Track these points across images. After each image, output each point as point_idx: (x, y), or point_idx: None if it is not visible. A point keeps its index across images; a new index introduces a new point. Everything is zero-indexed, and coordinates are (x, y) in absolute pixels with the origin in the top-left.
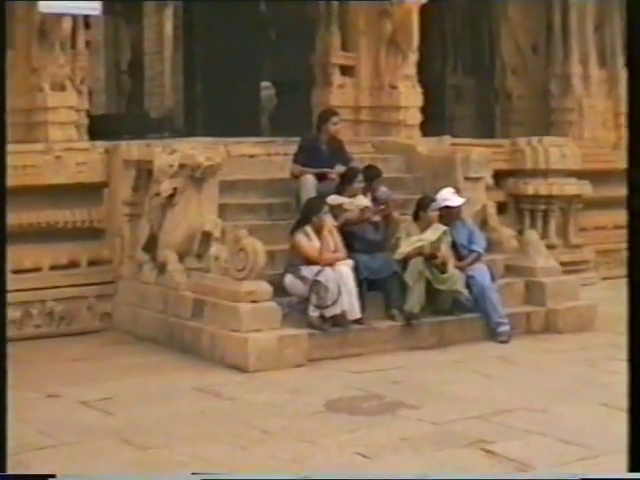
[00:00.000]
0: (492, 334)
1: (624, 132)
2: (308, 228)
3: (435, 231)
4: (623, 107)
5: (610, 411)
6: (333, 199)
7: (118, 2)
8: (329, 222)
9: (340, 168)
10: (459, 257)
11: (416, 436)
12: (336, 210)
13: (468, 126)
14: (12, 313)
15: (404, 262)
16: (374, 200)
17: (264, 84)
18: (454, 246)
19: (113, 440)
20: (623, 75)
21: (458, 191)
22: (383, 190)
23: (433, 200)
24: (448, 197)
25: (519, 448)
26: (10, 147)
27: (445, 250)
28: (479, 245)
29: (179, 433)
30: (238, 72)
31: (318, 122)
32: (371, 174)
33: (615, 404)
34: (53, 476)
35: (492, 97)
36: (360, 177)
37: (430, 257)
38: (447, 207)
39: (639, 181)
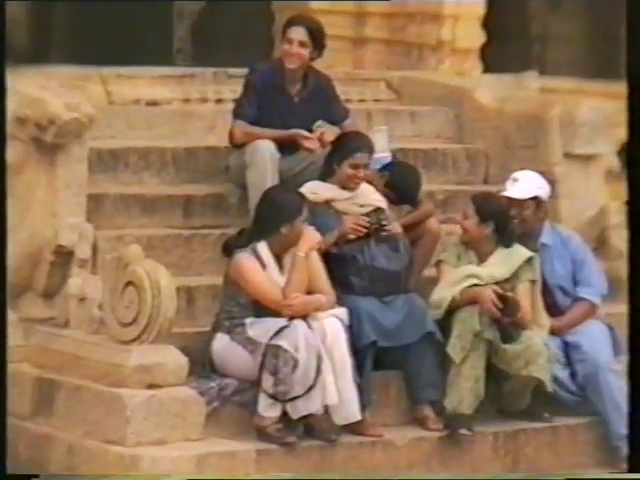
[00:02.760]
0: (612, 455)
1: None
2: (262, 245)
3: (506, 259)
4: None
5: None
6: (313, 189)
7: None
8: (311, 236)
9: (325, 128)
10: (550, 308)
11: None
12: (319, 212)
13: (574, 56)
14: None
15: (446, 315)
16: (391, 193)
17: None
18: (544, 290)
19: None
20: None
21: (549, 179)
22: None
23: (504, 208)
24: (512, 185)
25: None
26: None
27: (526, 297)
28: (594, 287)
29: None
30: None
31: (281, 39)
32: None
33: None
34: (37, 476)
35: (620, 3)
36: (366, 147)
37: (499, 308)
38: (511, 201)
39: None
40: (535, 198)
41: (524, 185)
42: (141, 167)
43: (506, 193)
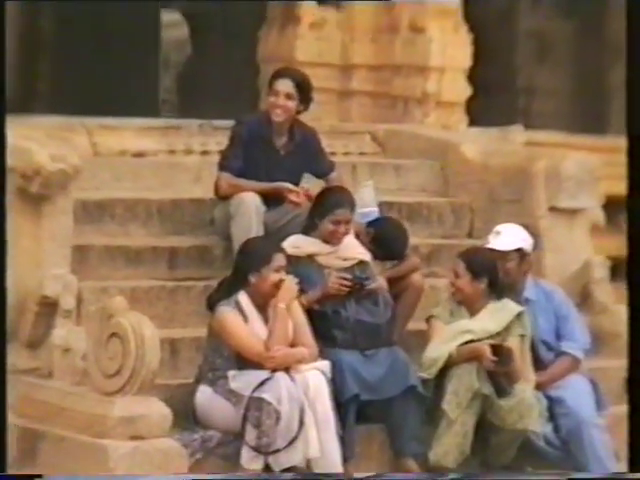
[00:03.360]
0: None
1: None
2: (243, 297)
3: (498, 314)
4: None
5: None
6: (296, 243)
7: None
8: (290, 287)
9: (310, 182)
10: (534, 362)
11: None
12: (302, 265)
13: (559, 109)
14: None
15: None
16: (377, 248)
17: (169, 17)
18: (533, 347)
19: None
20: None
21: (532, 232)
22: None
23: (492, 264)
24: (494, 237)
25: None
26: None
27: (518, 350)
28: (577, 342)
29: None
30: None
31: (267, 91)
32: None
33: None
34: (40, 476)
35: (606, 53)
36: (348, 202)
37: (495, 367)
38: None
39: None
40: (519, 250)
41: (507, 237)
42: (127, 218)
43: (489, 245)
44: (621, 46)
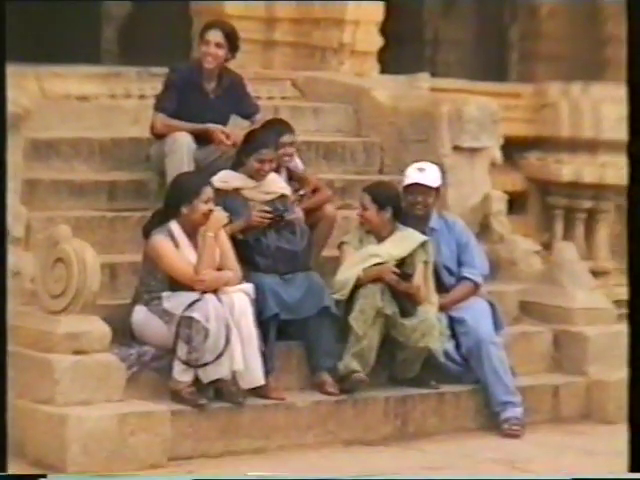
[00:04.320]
0: (492, 420)
1: None
2: (175, 226)
3: (404, 242)
4: None
5: None
6: (224, 178)
7: None
8: (218, 217)
9: (237, 123)
10: (437, 286)
11: None
12: (229, 198)
13: (462, 58)
14: None
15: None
16: (290, 180)
17: None
18: (436, 271)
19: None
20: None
21: (440, 167)
22: (298, 163)
23: (395, 195)
24: (411, 173)
25: None
26: None
27: (420, 276)
28: (476, 268)
29: None
30: None
31: (199, 41)
32: (276, 131)
33: None
34: (44, 476)
35: (505, 10)
36: (272, 139)
37: (396, 285)
38: (410, 188)
39: None
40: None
41: (432, 175)
42: (71, 156)
43: (417, 180)
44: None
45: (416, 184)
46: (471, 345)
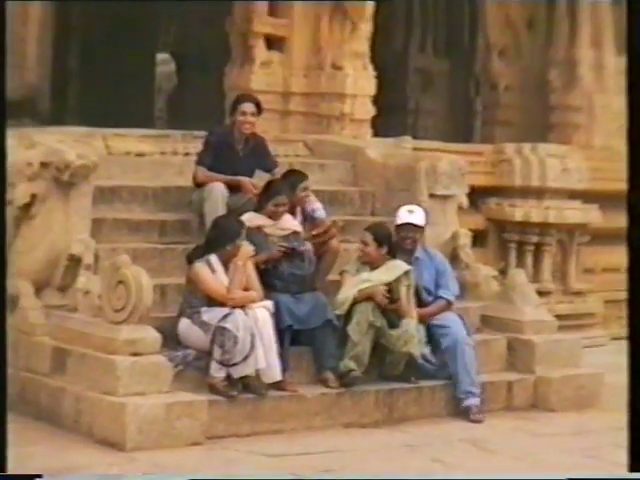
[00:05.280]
0: (458, 406)
1: None
2: (213, 257)
3: (391, 270)
4: None
5: None
6: (250, 219)
7: None
8: (247, 250)
9: (261, 176)
10: (420, 305)
11: None
12: (253, 234)
13: (437, 125)
14: None
15: (348, 308)
16: (304, 221)
17: (161, 57)
18: (416, 292)
19: None
20: None
21: (424, 210)
22: (318, 208)
23: (389, 234)
24: (402, 215)
25: None
26: None
27: (403, 296)
28: (450, 290)
29: None
30: (127, 40)
31: (231, 112)
32: (292, 180)
33: None
34: (40, 476)
35: (471, 87)
36: (286, 188)
37: (384, 303)
38: (402, 226)
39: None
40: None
41: (419, 216)
42: (130, 200)
43: (407, 220)
44: (484, 79)
45: (407, 224)
46: (449, 344)
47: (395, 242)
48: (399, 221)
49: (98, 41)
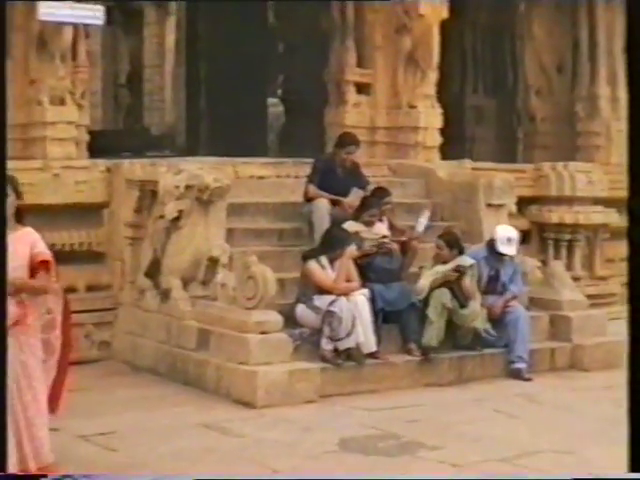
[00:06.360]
0: (511, 369)
1: None
2: (323, 258)
3: (456, 262)
4: None
5: None
6: (350, 226)
7: (117, 11)
8: (351, 251)
9: (357, 192)
10: (499, 292)
11: None
12: (353, 238)
13: (489, 149)
14: None
15: (427, 294)
16: (390, 227)
17: (272, 101)
18: (479, 281)
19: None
20: None
21: (518, 228)
22: (422, 222)
23: (458, 239)
24: (501, 241)
25: None
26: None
27: (468, 284)
28: (517, 286)
29: (185, 472)
30: (244, 87)
31: (336, 145)
32: (380, 195)
33: None
34: (45, 476)
35: (514, 119)
36: (376, 203)
37: (453, 288)
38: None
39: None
40: None
41: (514, 245)
42: (255, 213)
43: (505, 252)
44: (524, 112)
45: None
46: (512, 319)
47: (488, 250)
48: (498, 249)
49: (222, 88)
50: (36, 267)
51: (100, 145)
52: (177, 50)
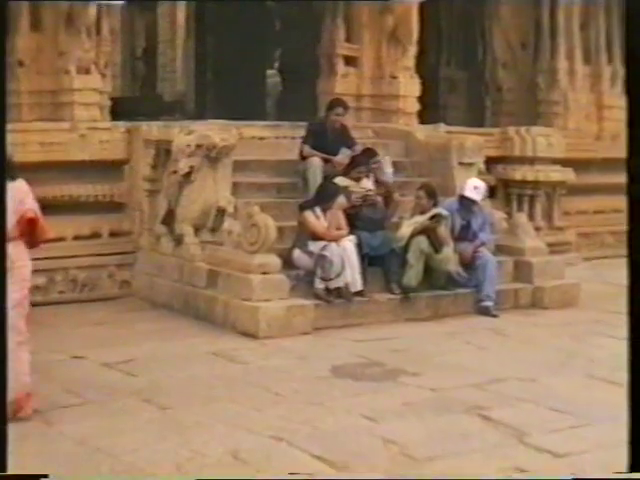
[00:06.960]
0: (481, 306)
1: (606, 124)
2: (317, 209)
3: (432, 213)
4: (605, 100)
5: (596, 383)
6: (340, 181)
7: None
8: (342, 203)
9: (345, 151)
10: (470, 240)
11: (417, 402)
12: (342, 191)
13: (460, 115)
14: (37, 280)
15: (407, 241)
16: (376, 182)
17: (270, 72)
18: (452, 230)
19: (135, 400)
20: (606, 71)
21: (486, 183)
22: (388, 173)
23: (435, 190)
24: (469, 189)
25: (513, 415)
26: (37, 125)
27: (443, 232)
28: (485, 235)
29: (197, 394)
30: (246, 60)
31: (327, 109)
32: (369, 156)
33: (601, 376)
34: (46, 476)
35: (483, 89)
36: (364, 161)
37: (430, 236)
38: (465, 197)
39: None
40: None
41: (481, 192)
42: (256, 169)
43: (472, 196)
44: (492, 83)
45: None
46: (481, 262)
47: (460, 202)
48: (465, 193)
49: (226, 60)
50: (24, 223)
51: (120, 110)
52: (187, 27)
